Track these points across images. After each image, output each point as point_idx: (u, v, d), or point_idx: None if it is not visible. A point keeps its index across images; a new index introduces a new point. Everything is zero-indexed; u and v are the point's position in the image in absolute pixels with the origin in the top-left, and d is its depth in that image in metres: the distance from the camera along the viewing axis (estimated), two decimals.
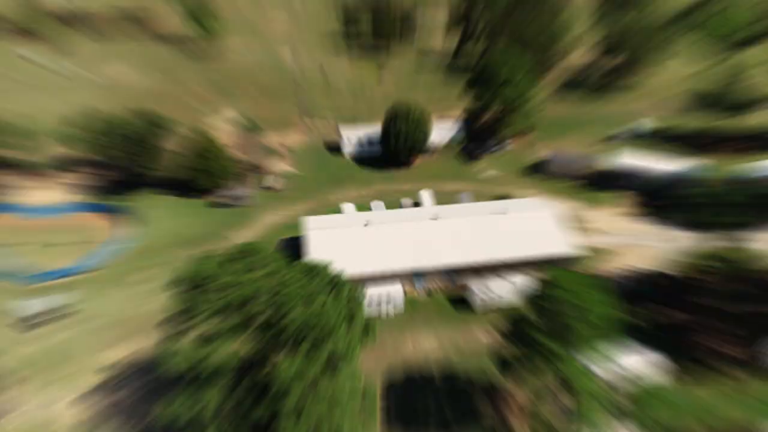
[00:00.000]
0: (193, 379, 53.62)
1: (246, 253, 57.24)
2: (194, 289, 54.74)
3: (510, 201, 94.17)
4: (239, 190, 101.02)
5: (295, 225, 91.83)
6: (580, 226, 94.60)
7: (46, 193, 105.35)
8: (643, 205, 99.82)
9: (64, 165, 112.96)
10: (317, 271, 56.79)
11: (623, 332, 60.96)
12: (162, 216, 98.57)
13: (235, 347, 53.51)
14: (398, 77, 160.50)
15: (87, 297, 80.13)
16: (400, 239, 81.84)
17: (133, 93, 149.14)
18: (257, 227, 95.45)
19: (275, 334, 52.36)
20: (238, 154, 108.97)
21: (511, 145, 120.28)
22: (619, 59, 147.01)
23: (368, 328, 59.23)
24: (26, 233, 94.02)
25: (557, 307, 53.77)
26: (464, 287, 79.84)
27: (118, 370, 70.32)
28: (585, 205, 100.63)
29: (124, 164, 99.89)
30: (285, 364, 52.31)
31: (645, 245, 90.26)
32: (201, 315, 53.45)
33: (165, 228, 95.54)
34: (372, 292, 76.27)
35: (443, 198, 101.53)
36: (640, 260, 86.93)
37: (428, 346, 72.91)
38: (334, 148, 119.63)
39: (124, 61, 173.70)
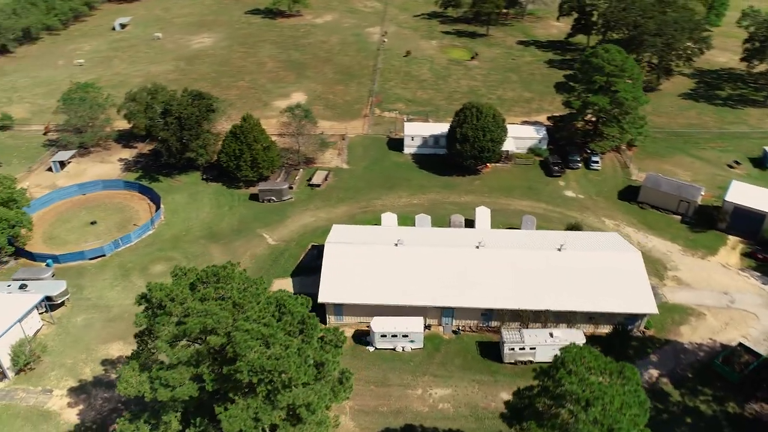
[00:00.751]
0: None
1: (220, 276, 49.11)
2: (158, 309, 47.57)
3: (580, 233, 78.85)
4: (282, 185, 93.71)
5: (328, 228, 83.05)
6: (664, 273, 77.34)
7: (103, 167, 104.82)
8: (754, 258, 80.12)
9: (124, 140, 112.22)
10: (289, 307, 47.47)
11: None
12: (202, 204, 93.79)
13: (189, 378, 45.80)
14: (489, 68, 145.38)
15: (106, 285, 76.79)
16: (432, 267, 70.12)
17: (210, 66, 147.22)
18: (291, 227, 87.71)
19: (230, 374, 44.01)
20: (290, 145, 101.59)
21: (602, 162, 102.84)
22: None
23: (344, 378, 49.33)
24: (77, 209, 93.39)
25: (559, 403, 40.55)
26: (498, 330, 67.02)
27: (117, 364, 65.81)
28: (677, 247, 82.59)
29: (176, 147, 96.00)
30: (235, 410, 44.03)
31: (745, 310, 71.66)
32: (159, 339, 46.24)
33: (201, 217, 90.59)
34: (388, 323, 65.88)
35: (504, 217, 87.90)
36: (733, 330, 68.94)
37: (440, 396, 61.46)
38: (396, 145, 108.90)
39: (212, 34, 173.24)
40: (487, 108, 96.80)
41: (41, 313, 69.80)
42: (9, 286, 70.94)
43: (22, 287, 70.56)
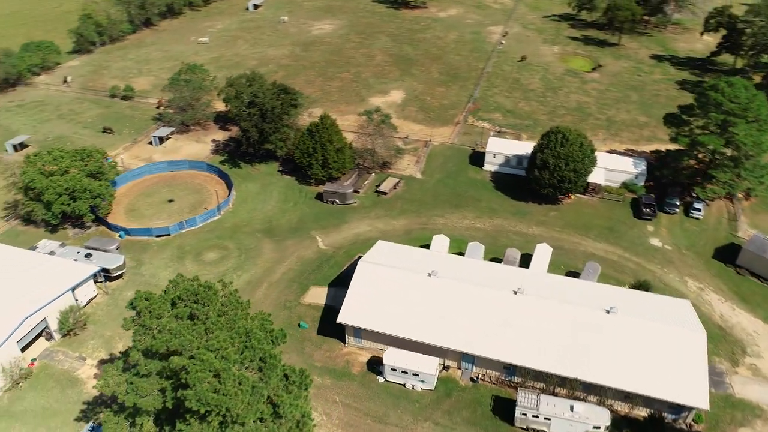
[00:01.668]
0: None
1: (200, 297, 49.62)
2: (139, 318, 49.59)
3: (646, 295, 69.62)
4: (347, 188, 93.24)
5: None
6: (740, 358, 66.11)
7: (196, 147, 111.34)
8: None
9: (221, 122, 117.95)
10: (254, 342, 46.82)
11: None
12: (270, 196, 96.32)
13: (158, 390, 47.27)
14: (609, 83, 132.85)
15: (161, 264, 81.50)
16: (462, 306, 65.73)
17: (322, 55, 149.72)
18: (345, 234, 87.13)
19: (182, 400, 44.68)
20: (366, 148, 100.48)
21: (706, 211, 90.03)
22: None
23: (302, 424, 47.81)
24: (162, 185, 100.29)
25: None
26: (517, 388, 61.46)
27: None
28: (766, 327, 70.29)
29: (255, 137, 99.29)
30: None
31: None
32: (134, 348, 48.23)
33: (265, 210, 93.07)
34: (400, 358, 63.19)
35: (568, 258, 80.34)
36: None
37: None
38: (477, 160, 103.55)
39: (334, 20, 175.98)
40: (574, 134, 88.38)
41: (100, 282, 76.15)
42: (78, 253, 78.01)
43: (87, 256, 77.30)
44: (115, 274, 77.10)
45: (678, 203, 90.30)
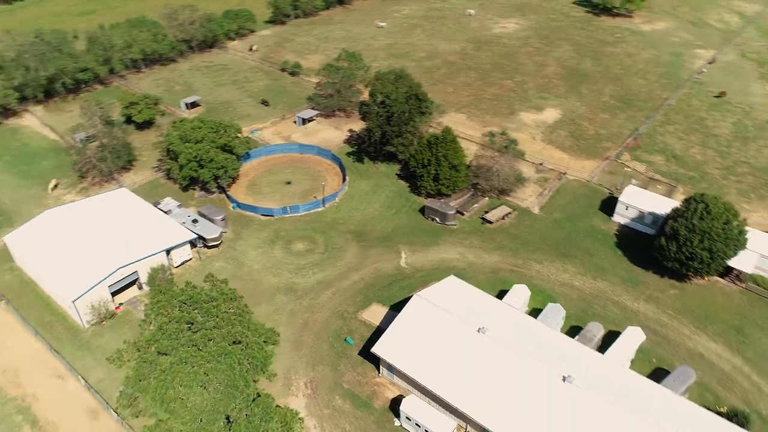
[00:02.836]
0: None
1: (202, 307, 51.85)
2: (155, 305, 53.66)
3: (733, 429, 56.38)
4: (448, 208, 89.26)
5: (462, 276, 77.19)
6: None
7: (333, 133, 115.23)
8: None
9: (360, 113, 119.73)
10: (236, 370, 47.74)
11: None
12: (377, 199, 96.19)
13: None
14: None
15: (253, 244, 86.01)
16: (499, 374, 59.47)
17: (492, 57, 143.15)
18: (430, 257, 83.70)
19: None
20: (485, 170, 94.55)
21: None
22: None
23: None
24: (288, 165, 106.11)
25: None
26: None
27: None
28: None
29: (377, 137, 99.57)
30: None
31: None
32: (142, 336, 52.61)
33: (367, 212, 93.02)
34: (417, 409, 59.74)
35: (665, 352, 68.08)
36: None
37: None
38: (608, 207, 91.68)
39: (521, 20, 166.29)
40: (720, 207, 73.40)
41: (201, 247, 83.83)
42: (188, 216, 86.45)
43: (194, 222, 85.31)
44: (210, 244, 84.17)
45: None
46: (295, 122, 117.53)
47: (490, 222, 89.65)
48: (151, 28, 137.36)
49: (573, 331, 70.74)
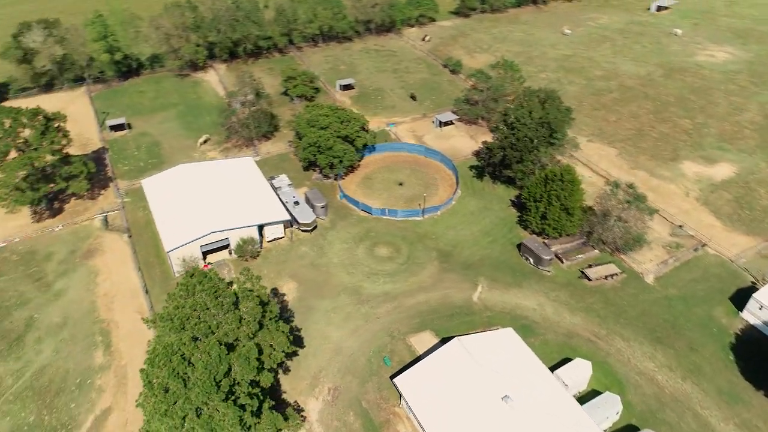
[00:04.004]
0: None
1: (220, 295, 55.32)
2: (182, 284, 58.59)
3: None
4: (546, 253, 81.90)
5: (531, 330, 71.45)
6: None
7: (465, 142, 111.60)
8: None
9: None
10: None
11: None
12: (479, 222, 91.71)
13: None
14: None
15: (339, 238, 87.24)
16: None
17: (681, 90, 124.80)
18: (506, 299, 77.82)
19: None
20: (602, 220, 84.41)
21: None
22: None
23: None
24: (407, 165, 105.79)
25: None
26: None
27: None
28: None
29: (497, 159, 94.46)
30: None
31: None
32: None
33: (462, 234, 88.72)
34: None
35: None
36: None
37: None
38: (742, 300, 76.45)
39: (741, 49, 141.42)
40: None
41: (296, 228, 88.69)
42: (293, 197, 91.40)
43: (296, 203, 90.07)
44: (302, 229, 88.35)
45: None
46: (432, 122, 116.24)
47: (589, 279, 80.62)
48: (335, 6, 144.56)
49: (626, 431, 61.65)
